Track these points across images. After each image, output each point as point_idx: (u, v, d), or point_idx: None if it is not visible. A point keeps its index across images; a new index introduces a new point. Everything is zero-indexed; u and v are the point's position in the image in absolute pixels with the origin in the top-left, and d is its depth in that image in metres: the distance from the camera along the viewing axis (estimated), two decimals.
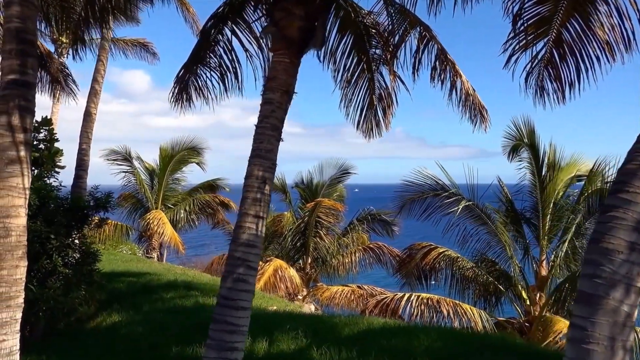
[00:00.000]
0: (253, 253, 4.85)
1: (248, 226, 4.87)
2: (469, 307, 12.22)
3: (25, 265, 4.95)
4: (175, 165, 20.04)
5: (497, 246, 13.21)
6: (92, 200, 9.35)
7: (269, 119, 5.14)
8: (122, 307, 9.47)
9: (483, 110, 8.41)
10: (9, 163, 4.83)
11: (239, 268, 4.75)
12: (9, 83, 4.94)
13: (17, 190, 4.87)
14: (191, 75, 7.55)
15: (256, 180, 4.98)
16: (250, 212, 4.92)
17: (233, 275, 4.76)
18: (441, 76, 8.05)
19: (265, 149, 5.06)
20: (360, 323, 7.63)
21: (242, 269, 4.75)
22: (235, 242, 4.88)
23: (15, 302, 4.81)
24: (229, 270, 4.83)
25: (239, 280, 4.76)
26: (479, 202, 13.14)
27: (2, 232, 4.75)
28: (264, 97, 5.28)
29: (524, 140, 13.39)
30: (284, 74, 5.28)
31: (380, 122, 8.96)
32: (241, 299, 4.74)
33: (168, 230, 17.47)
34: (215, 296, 11.40)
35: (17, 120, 4.90)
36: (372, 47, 8.33)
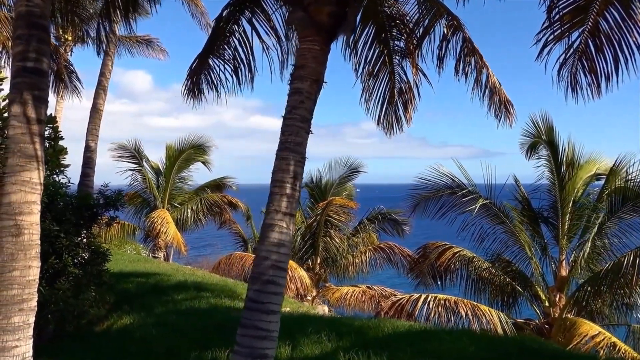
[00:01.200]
0: (283, 253, 4.52)
1: (277, 224, 4.54)
2: (487, 308, 11.87)
3: (39, 265, 4.63)
4: (181, 163, 19.72)
5: (515, 246, 12.88)
6: (101, 198, 9.03)
7: (297, 110, 4.80)
8: (133, 309, 9.15)
9: (509, 105, 8.10)
10: (22, 156, 4.51)
11: (268, 269, 4.42)
12: (21, 71, 4.62)
13: (31, 186, 4.55)
14: (204, 67, 7.25)
15: (286, 175, 4.65)
16: (279, 210, 4.59)
17: (262, 276, 4.43)
18: (466, 69, 7.74)
19: (294, 142, 4.73)
20: (384, 326, 7.30)
21: (271, 270, 4.42)
22: (264, 241, 4.55)
23: (28, 305, 4.49)
24: (258, 271, 4.50)
25: (268, 282, 4.42)
26: (496, 201, 12.81)
27: (15, 230, 4.43)
28: (292, 86, 4.95)
29: (542, 137, 13.06)
30: (314, 61, 4.95)
31: (401, 117, 8.66)
32: (271, 302, 4.41)
33: (171, 230, 17.14)
34: (227, 297, 11.18)
35: (30, 111, 4.58)
36: (393, 39, 8.01)
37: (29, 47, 4.63)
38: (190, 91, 7.10)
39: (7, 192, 4.48)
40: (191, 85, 7.15)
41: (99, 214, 8.93)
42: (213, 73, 7.21)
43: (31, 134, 4.56)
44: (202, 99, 7.15)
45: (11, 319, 4.36)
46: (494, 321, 11.50)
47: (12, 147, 4.53)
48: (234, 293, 11.37)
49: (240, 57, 7.28)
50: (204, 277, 12.98)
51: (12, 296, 4.38)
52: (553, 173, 12.87)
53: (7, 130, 4.62)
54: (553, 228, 12.85)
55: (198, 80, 7.17)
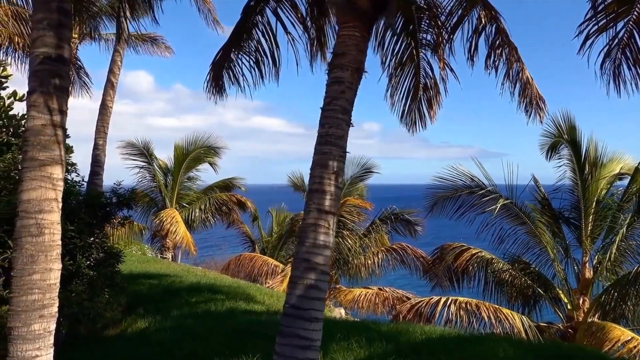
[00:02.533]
0: (325, 255, 4.17)
1: (319, 224, 4.20)
2: (509, 311, 11.51)
3: (60, 268, 4.29)
4: (190, 163, 19.36)
5: (537, 247, 12.51)
6: (114, 197, 8.68)
7: (338, 101, 4.46)
8: (147, 312, 8.81)
9: (540, 100, 7.76)
10: (42, 149, 4.16)
11: (310, 273, 4.08)
12: (42, 58, 4.27)
13: (52, 181, 4.20)
14: (226, 61, 6.94)
15: (326, 171, 4.30)
16: (321, 208, 4.25)
17: (303, 281, 4.08)
18: (496, 62, 7.40)
19: (335, 135, 4.39)
20: (414, 331, 6.94)
21: (313, 274, 4.07)
22: (305, 243, 4.20)
23: (49, 311, 4.15)
24: (298, 275, 4.15)
25: (311, 287, 4.08)
26: (517, 201, 12.45)
27: (35, 230, 4.08)
28: (331, 76, 4.60)
29: (563, 136, 12.70)
30: (355, 49, 4.60)
31: (424, 114, 8.33)
32: (314, 308, 4.06)
33: (181, 230, 16.79)
34: (242, 300, 10.84)
35: (51, 100, 4.23)
36: (421, 32, 7.67)
37: (49, 33, 4.29)
38: (212, 86, 6.78)
39: (26, 189, 4.14)
40: (213, 81, 6.83)
41: (112, 213, 8.59)
42: (236, 67, 6.90)
43: (53, 125, 4.21)
44: (224, 93, 6.83)
45: (31, 326, 4.02)
46: (517, 325, 11.14)
47: (31, 140, 4.19)
48: (248, 295, 11.04)
49: (263, 50, 6.95)
50: (217, 279, 12.64)
51: (32, 302, 4.04)
52: (575, 173, 12.51)
53: (26, 122, 4.27)
54: (575, 229, 12.48)
55: (220, 74, 6.85)
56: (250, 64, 6.95)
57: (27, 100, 4.30)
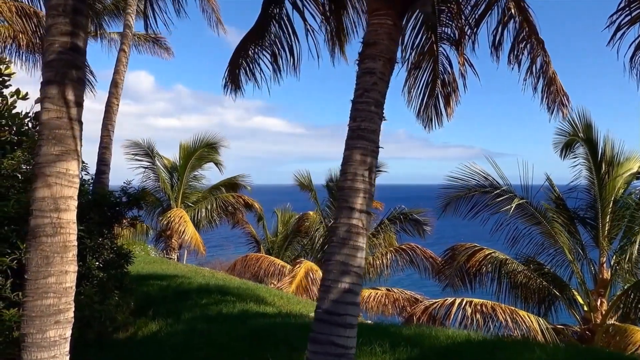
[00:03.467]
0: (359, 257, 3.91)
1: (352, 224, 3.93)
2: (525, 313, 11.26)
3: (76, 270, 4.03)
4: (195, 162, 19.11)
5: (552, 248, 12.25)
6: (124, 196, 8.43)
7: (370, 93, 4.20)
8: (158, 315, 8.54)
9: (564, 96, 7.50)
10: (58, 144, 3.90)
11: (345, 276, 3.81)
12: (57, 47, 4.01)
13: (67, 178, 3.94)
14: (245, 56, 6.71)
15: (359, 167, 4.04)
16: (354, 207, 3.98)
17: (338, 285, 3.82)
18: (519, 57, 7.15)
19: (368, 129, 4.12)
20: (437, 335, 6.68)
21: (348, 277, 3.81)
22: (338, 244, 3.94)
23: (65, 316, 3.89)
24: (332, 278, 3.89)
25: (346, 292, 3.82)
26: (532, 200, 12.20)
27: (50, 230, 3.82)
28: (362, 67, 4.34)
29: (579, 135, 12.44)
30: (387, 38, 4.34)
31: (441, 111, 8.09)
32: (349, 313, 3.80)
33: (189, 229, 16.53)
34: (252, 301, 10.56)
35: (67, 92, 3.97)
36: (442, 25, 7.42)
37: (64, 19, 4.03)
38: (230, 83, 6.55)
39: (40, 186, 3.88)
40: (231, 77, 6.60)
41: (122, 213, 8.33)
42: (254, 62, 6.66)
43: (68, 118, 3.96)
44: (242, 90, 6.60)
45: (46, 332, 3.76)
46: (534, 327, 10.89)
47: (45, 134, 3.93)
48: (258, 297, 10.78)
49: (281, 43, 6.71)
50: (225, 280, 12.37)
51: (47, 306, 3.77)
52: (592, 171, 12.25)
53: (40, 115, 4.01)
54: (592, 229, 12.22)
55: (238, 70, 6.62)
56: (268, 59, 6.71)
57: (41, 92, 4.04)
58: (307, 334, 7.50)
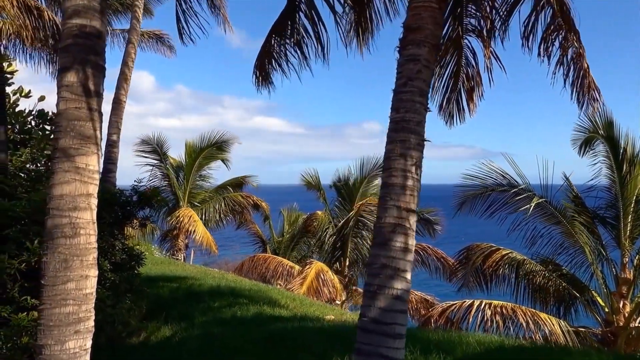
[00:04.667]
0: (408, 261, 3.58)
1: (400, 224, 3.60)
2: (546, 316, 10.91)
3: (96, 275, 3.69)
4: (202, 161, 18.77)
5: (572, 248, 11.91)
6: (135, 195, 8.10)
7: (414, 82, 3.86)
8: (170, 318, 8.22)
9: (595, 90, 7.17)
10: (77, 136, 3.57)
11: (394, 281, 3.48)
12: (76, 31, 3.67)
13: (87, 174, 3.60)
14: (271, 48, 6.42)
15: (405, 162, 3.71)
16: (400, 205, 3.65)
17: (386, 291, 3.49)
18: (548, 49, 6.81)
19: (413, 120, 3.79)
20: (467, 340, 6.34)
21: (396, 282, 3.49)
22: (386, 246, 3.60)
23: (85, 325, 3.55)
24: (379, 284, 3.55)
25: (395, 298, 3.49)
26: (552, 199, 11.86)
27: (69, 230, 3.48)
28: (404, 54, 4.00)
29: (599, 132, 12.09)
30: (432, 22, 4.01)
31: (464, 107, 7.76)
32: (398, 322, 3.47)
33: (200, 229, 16.19)
34: (266, 304, 10.21)
35: (87, 80, 3.63)
36: (468, 16, 7.08)
37: (82, 1, 3.69)
38: (259, 76, 6.25)
39: (58, 182, 3.54)
40: (259, 70, 6.30)
41: (133, 213, 8.00)
42: (280, 53, 6.37)
43: (88, 109, 3.62)
44: (271, 82, 6.31)
45: (65, 343, 3.42)
46: (556, 330, 10.55)
47: (63, 125, 3.59)
48: (271, 299, 10.45)
49: (307, 32, 6.40)
50: (236, 281, 12.05)
51: (67, 315, 3.44)
52: (613, 170, 11.90)
53: (57, 105, 3.67)
54: (612, 229, 11.88)
55: (265, 63, 6.33)
56: (294, 48, 6.41)
57: (58, 80, 3.70)
58: (326, 338, 7.19)
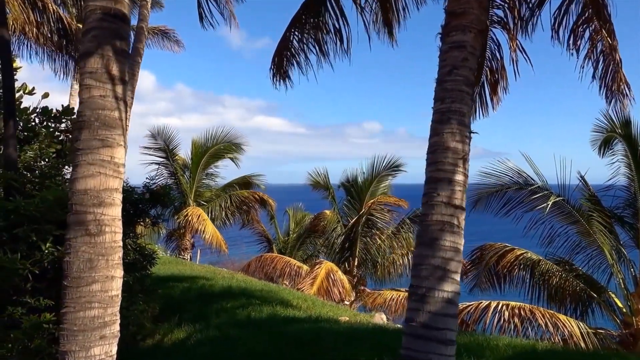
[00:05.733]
0: (458, 261, 3.34)
1: (448, 221, 3.35)
2: (565, 317, 10.67)
3: (122, 275, 3.44)
4: (209, 160, 18.51)
5: (590, 248, 11.67)
6: (147, 193, 7.86)
7: (460, 70, 3.61)
8: (183, 320, 7.96)
9: (626, 86, 6.93)
10: (102, 126, 3.32)
11: (444, 283, 3.24)
12: (100, 14, 3.43)
13: (112, 167, 3.36)
14: (290, 44, 6.19)
15: (451, 155, 3.46)
16: (449, 202, 3.40)
17: (436, 293, 3.24)
18: (578, 42, 6.58)
19: (460, 111, 3.54)
20: (498, 344, 6.09)
21: (447, 284, 3.24)
22: (435, 245, 3.35)
23: (111, 330, 3.30)
24: (428, 286, 3.30)
25: (445, 302, 3.24)
26: (569, 198, 11.62)
27: (93, 228, 3.24)
28: (448, 40, 3.75)
29: (616, 131, 11.88)
30: (477, 6, 3.76)
31: (486, 100, 7.51)
32: (449, 328, 3.22)
33: (209, 228, 15.94)
34: (279, 304, 9.97)
35: (112, 66, 3.39)
36: (493, 7, 6.83)
37: None
38: (277, 72, 6.01)
39: (81, 176, 3.30)
40: (277, 66, 6.06)
41: (145, 211, 7.76)
42: (300, 49, 6.13)
43: (114, 97, 3.37)
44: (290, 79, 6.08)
45: (91, 350, 3.17)
46: (575, 332, 10.31)
47: (87, 115, 3.35)
48: (283, 300, 10.21)
49: (327, 27, 6.15)
50: (246, 282, 11.80)
51: (92, 318, 3.19)
52: (631, 169, 11.67)
53: (79, 93, 3.42)
54: (630, 229, 11.66)
55: (283, 59, 6.09)
56: (313, 44, 6.17)
57: (80, 66, 3.45)
58: (350, 341, 6.95)
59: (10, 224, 6.00)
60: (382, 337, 6.49)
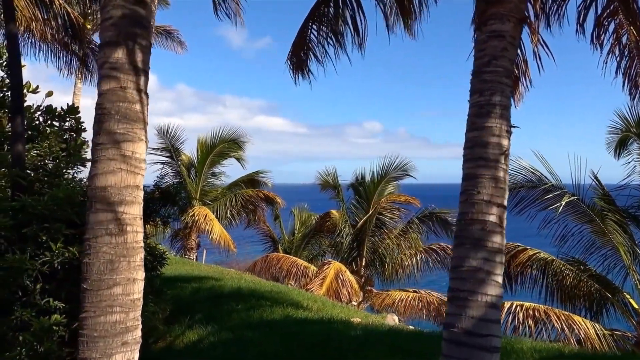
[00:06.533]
0: (501, 263, 3.14)
1: (490, 221, 3.15)
2: (580, 319, 10.48)
3: (143, 277, 3.25)
4: (214, 158, 18.31)
5: (604, 248, 11.47)
6: (157, 191, 7.67)
7: (499, 61, 3.41)
8: (194, 321, 7.78)
9: None
10: (123, 119, 3.13)
11: (486, 286, 3.04)
12: (120, 0, 3.24)
13: (134, 163, 3.17)
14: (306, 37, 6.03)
15: (491, 150, 3.25)
16: (490, 200, 3.20)
17: (478, 297, 3.04)
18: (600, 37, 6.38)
19: (500, 104, 3.34)
20: (522, 348, 5.89)
21: (490, 287, 3.05)
22: (473, 246, 3.15)
23: (133, 336, 3.12)
24: (470, 289, 3.11)
25: (488, 306, 3.05)
26: (584, 197, 11.43)
27: (114, 228, 3.05)
28: (486, 29, 3.55)
29: (631, 130, 11.72)
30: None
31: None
32: (494, 334, 3.02)
33: (217, 228, 15.74)
34: (290, 306, 9.79)
35: (133, 56, 3.20)
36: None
37: None
38: (294, 65, 5.84)
39: (102, 172, 3.11)
40: (294, 59, 5.90)
41: (156, 210, 7.57)
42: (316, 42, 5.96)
43: (136, 89, 3.19)
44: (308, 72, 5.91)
45: (112, 357, 2.99)
46: (591, 334, 10.12)
47: (107, 108, 3.16)
48: (292, 301, 10.02)
49: (343, 18, 5.96)
50: (255, 282, 11.61)
51: (113, 324, 3.01)
52: None
53: (98, 85, 3.24)
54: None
55: (301, 52, 5.93)
56: (329, 36, 5.99)
57: (100, 55, 3.27)
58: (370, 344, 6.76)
59: (18, 223, 5.81)
60: (397, 339, 6.30)
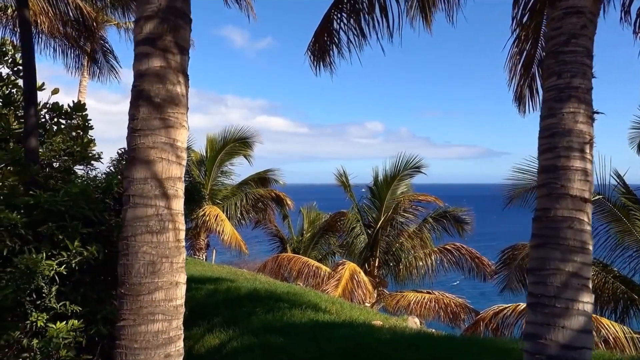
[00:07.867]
0: (589, 264, 2.77)
1: (578, 218, 2.79)
2: (607, 321, 10.11)
3: (185, 281, 2.89)
4: (224, 157, 17.98)
5: (631, 248, 11.11)
6: None
7: (579, 40, 3.06)
8: (214, 325, 7.43)
9: None
10: (163, 103, 2.78)
11: (578, 292, 2.68)
12: None
13: (176, 152, 2.82)
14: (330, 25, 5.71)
15: (575, 138, 2.89)
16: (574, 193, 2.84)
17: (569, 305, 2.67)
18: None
19: (581, 87, 2.99)
20: None
21: (582, 293, 2.69)
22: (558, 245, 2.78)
23: (176, 347, 2.76)
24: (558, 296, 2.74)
25: (581, 315, 2.68)
26: (609, 196, 11.07)
27: (155, 224, 2.70)
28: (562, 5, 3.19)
29: None
30: None
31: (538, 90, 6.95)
32: (587, 346, 2.66)
33: (227, 229, 15.39)
34: (309, 308, 9.44)
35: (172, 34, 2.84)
36: None
37: None
38: (315, 56, 5.51)
39: (141, 160, 2.75)
40: (316, 48, 5.56)
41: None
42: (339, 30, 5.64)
43: (176, 69, 2.83)
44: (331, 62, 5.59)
45: None
46: (620, 337, 9.76)
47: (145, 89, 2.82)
48: (311, 303, 9.68)
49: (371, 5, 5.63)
50: (270, 284, 11.26)
51: (155, 334, 2.65)
52: None
53: (134, 65, 2.88)
54: None
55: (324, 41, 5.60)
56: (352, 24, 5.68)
57: (135, 31, 2.92)
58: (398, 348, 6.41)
59: (32, 220, 5.46)
60: (429, 345, 5.94)
